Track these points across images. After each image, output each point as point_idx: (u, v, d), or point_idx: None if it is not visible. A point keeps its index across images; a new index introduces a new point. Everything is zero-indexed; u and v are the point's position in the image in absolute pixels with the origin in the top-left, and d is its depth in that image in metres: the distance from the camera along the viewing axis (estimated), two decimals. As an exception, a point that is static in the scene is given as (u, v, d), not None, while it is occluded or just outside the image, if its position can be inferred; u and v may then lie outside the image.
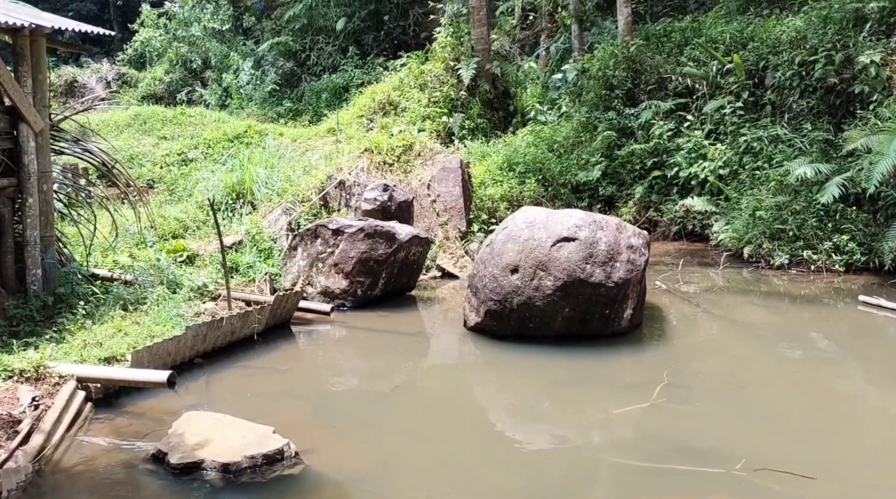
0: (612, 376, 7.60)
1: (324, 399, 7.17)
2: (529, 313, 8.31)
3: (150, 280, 9.44)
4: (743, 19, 15.61)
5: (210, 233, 11.64)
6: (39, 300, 8.50)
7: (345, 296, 10.03)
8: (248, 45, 28.91)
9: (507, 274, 8.38)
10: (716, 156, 13.93)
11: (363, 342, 9.02)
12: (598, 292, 8.16)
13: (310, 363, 8.38)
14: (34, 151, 8.69)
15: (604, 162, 15.67)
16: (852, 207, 11.53)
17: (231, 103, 26.62)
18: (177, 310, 8.68)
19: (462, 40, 18.66)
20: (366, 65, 26.31)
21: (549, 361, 7.97)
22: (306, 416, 6.69)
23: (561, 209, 9.03)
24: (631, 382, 7.34)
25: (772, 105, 13.66)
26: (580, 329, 8.36)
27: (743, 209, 12.74)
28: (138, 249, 10.74)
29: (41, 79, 8.87)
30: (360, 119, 18.60)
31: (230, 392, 7.33)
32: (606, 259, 8.18)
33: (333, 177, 12.41)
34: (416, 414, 6.89)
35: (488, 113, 18.53)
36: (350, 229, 10.05)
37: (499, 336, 8.57)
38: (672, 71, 15.42)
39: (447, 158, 12.94)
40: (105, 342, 7.58)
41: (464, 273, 11.73)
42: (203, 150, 18.71)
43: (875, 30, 12.56)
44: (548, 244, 8.25)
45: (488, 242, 8.85)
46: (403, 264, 10.31)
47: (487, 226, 13.41)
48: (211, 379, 7.60)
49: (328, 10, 27.36)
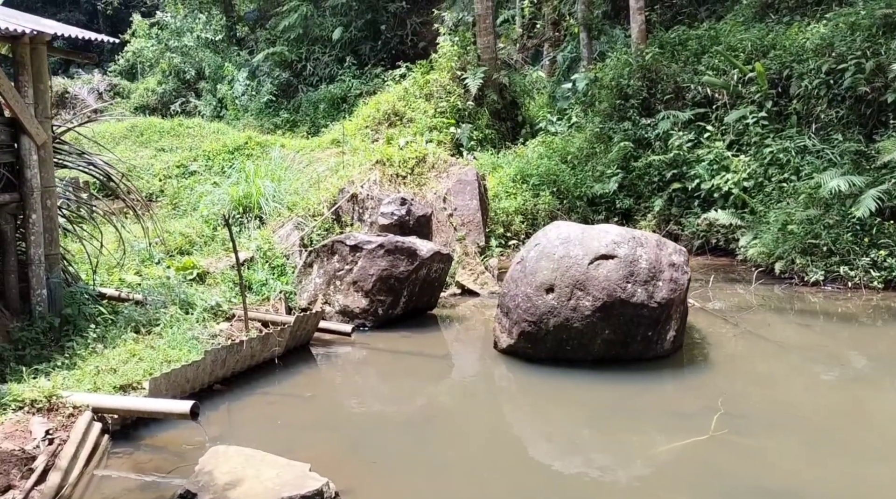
0: (659, 403, 7.13)
1: (356, 430, 6.67)
2: (567, 335, 7.84)
3: (161, 300, 8.94)
4: (762, 27, 15.24)
5: (218, 249, 11.16)
6: (45, 322, 8.01)
7: (365, 315, 9.54)
8: (242, 56, 28.57)
9: (541, 294, 7.92)
10: (739, 167, 13.53)
11: (388, 366, 8.52)
12: (639, 313, 7.71)
13: (335, 389, 7.88)
14: (37, 164, 8.20)
15: (620, 174, 15.27)
16: (889, 221, 11.12)
17: (226, 114, 26.22)
18: (192, 332, 8.19)
19: (468, 49, 18.26)
20: (363, 75, 26.07)
21: (590, 388, 7.51)
22: (340, 450, 6.20)
23: (596, 225, 8.59)
24: (682, 410, 6.88)
25: (797, 115, 13.27)
26: (620, 352, 7.90)
27: (771, 223, 12.32)
28: (146, 267, 10.24)
29: (42, 89, 8.37)
30: (365, 130, 18.18)
31: (255, 422, 6.83)
32: (648, 278, 7.73)
33: (345, 190, 11.93)
34: (454, 446, 6.40)
35: (496, 123, 18.13)
36: (369, 246, 9.57)
37: (533, 359, 8.10)
38: (690, 80, 15.03)
39: (462, 170, 12.50)
40: (119, 368, 7.09)
41: (484, 290, 11.27)
42: (202, 162, 18.27)
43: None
44: (585, 262, 7.79)
45: (519, 260, 8.39)
46: (425, 282, 9.83)
47: (506, 241, 12.98)
48: (232, 408, 7.10)
49: (324, 19, 27.12)
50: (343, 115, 25.04)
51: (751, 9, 16.97)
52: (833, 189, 11.43)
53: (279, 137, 20.29)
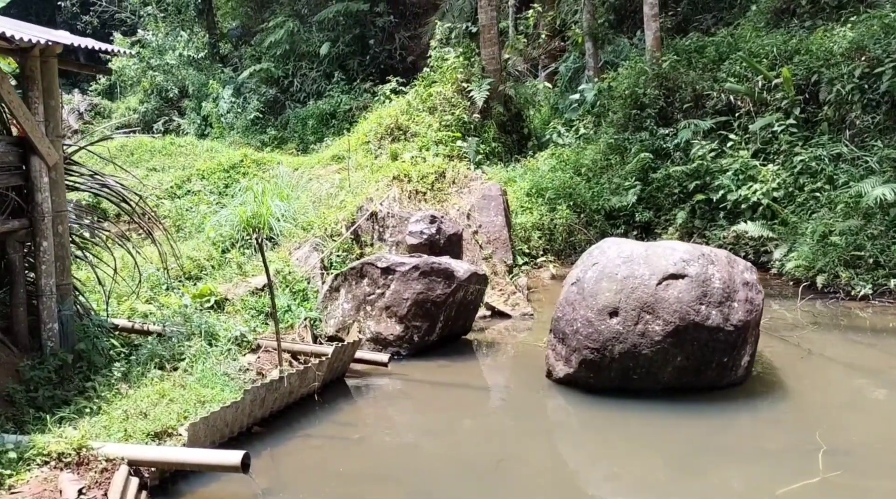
0: (747, 438, 6.51)
1: (417, 478, 5.97)
2: (634, 363, 7.21)
3: (181, 331, 8.19)
4: (783, 32, 14.83)
5: (232, 273, 10.40)
6: (57, 359, 7.22)
7: (399, 343, 8.86)
8: (226, 73, 27.91)
9: (604, 318, 7.29)
10: (768, 177, 13.04)
11: (434, 400, 7.82)
12: (714, 338, 7.10)
13: (383, 429, 7.16)
14: (48, 187, 7.44)
15: (638, 186, 14.73)
16: (939, 232, 10.68)
17: (211, 132, 25.49)
18: (220, 366, 7.46)
19: (472, 60, 17.70)
20: (352, 90, 25.54)
21: (664, 421, 6.88)
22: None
23: (657, 242, 7.99)
24: (775, 447, 6.25)
25: (829, 122, 12.82)
26: (693, 380, 7.27)
27: (808, 234, 11.82)
28: (157, 295, 9.48)
29: (53, 105, 7.63)
30: (367, 145, 17.51)
31: (304, 472, 6.12)
32: (723, 299, 7.13)
33: (364, 208, 11.26)
34: (529, 494, 5.73)
35: (502, 136, 17.56)
36: (402, 268, 8.90)
37: (594, 390, 7.44)
38: (710, 87, 14.58)
39: (485, 184, 11.89)
40: (150, 412, 6.34)
41: (516, 311, 10.62)
42: (197, 181, 17.52)
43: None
44: (652, 282, 7.18)
45: (574, 280, 7.76)
46: (461, 305, 9.18)
47: (534, 259, 12.36)
48: (276, 453, 6.37)
49: (310, 35, 26.59)
50: (332, 131, 24.57)
51: (764, 15, 16.56)
52: (878, 198, 10.96)
53: (276, 154, 19.54)
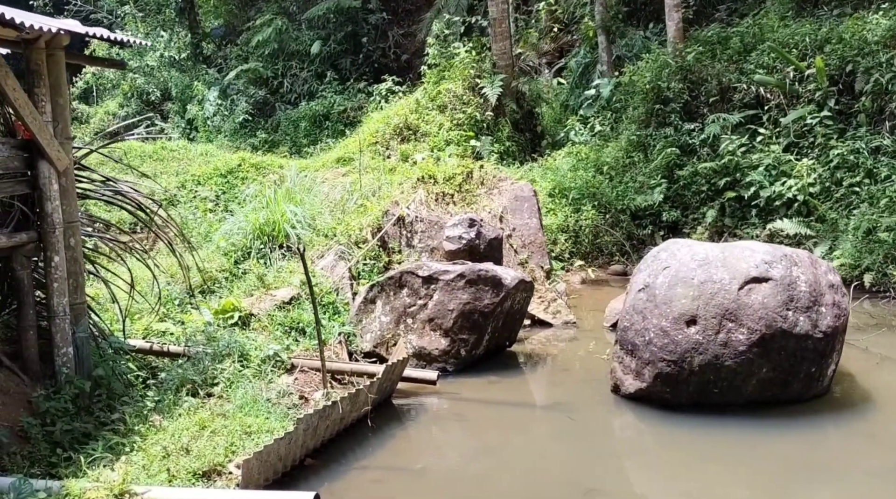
0: (840, 456, 5.95)
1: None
2: (715, 376, 6.58)
3: (207, 352, 7.47)
4: (812, 21, 14.28)
5: (250, 286, 9.64)
6: (73, 387, 6.46)
7: (445, 358, 8.18)
8: (211, 74, 27.06)
9: (681, 327, 6.66)
10: (803, 172, 12.49)
11: (492, 422, 7.11)
12: (803, 346, 6.49)
13: (445, 457, 6.47)
14: (58, 195, 6.68)
15: (664, 184, 14.15)
16: None
17: (197, 136, 24.63)
18: (261, 391, 6.75)
19: (483, 56, 17.05)
20: (346, 90, 24.80)
21: (753, 439, 6.25)
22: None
23: (733, 242, 7.36)
24: (870, 466, 5.68)
25: (866, 113, 12.29)
26: (778, 393, 6.67)
27: (850, 231, 11.29)
28: (173, 312, 8.76)
29: (62, 103, 6.87)
30: (375, 146, 16.82)
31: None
32: (810, 303, 6.53)
33: (390, 213, 10.56)
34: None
35: (516, 135, 16.92)
36: (447, 276, 8.22)
37: (669, 405, 6.82)
38: (737, 80, 14.01)
39: (515, 185, 11.23)
40: (192, 446, 5.63)
41: (557, 320, 9.99)
42: (192, 187, 16.77)
43: None
44: (734, 287, 6.56)
45: (641, 286, 7.12)
46: (508, 315, 8.53)
47: (568, 263, 11.73)
48: (335, 490, 5.67)
49: (300, 33, 25.82)
50: (327, 133, 23.83)
51: (784, 4, 15.99)
52: (928, 192, 10.45)
53: (278, 157, 18.78)
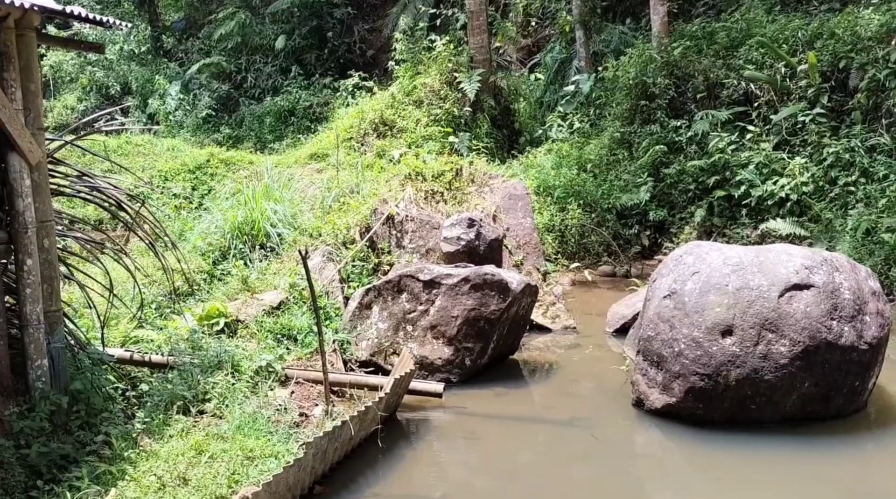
0: None
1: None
2: (753, 391, 6.15)
3: (194, 362, 6.81)
4: (801, 16, 14.06)
5: (237, 291, 8.94)
6: (49, 403, 5.75)
7: (449, 368, 7.62)
8: (172, 68, 26.19)
9: (715, 337, 6.21)
10: (795, 171, 12.23)
11: (509, 440, 6.53)
12: (848, 358, 6.10)
13: (466, 483, 5.86)
14: (30, 192, 5.92)
15: (650, 182, 13.80)
16: None
17: (159, 131, 23.78)
18: (259, 408, 6.12)
19: (461, 50, 16.51)
20: (311, 85, 24.25)
21: (797, 460, 5.83)
22: None
23: (768, 245, 6.94)
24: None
25: (861, 110, 12.08)
26: (819, 409, 6.26)
27: (849, 232, 11.05)
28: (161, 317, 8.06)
29: (34, 90, 6.10)
30: (349, 142, 16.17)
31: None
32: (854, 312, 6.14)
33: (379, 212, 9.95)
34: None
35: (494, 131, 16.43)
36: (450, 281, 7.66)
37: (701, 422, 6.36)
38: (725, 76, 13.72)
39: (507, 183, 10.74)
40: (190, 475, 4.97)
41: (556, 325, 9.53)
42: (159, 183, 15.95)
43: None
44: (773, 295, 6.14)
45: (668, 293, 6.65)
46: (513, 322, 8.02)
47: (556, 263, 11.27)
48: (351, 523, 5.09)
49: (263, 27, 25.21)
50: (292, 128, 23.28)
51: (765, 1, 15.76)
52: (931, 192, 10.24)
53: (246, 153, 17.98)
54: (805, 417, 6.27)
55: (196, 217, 11.57)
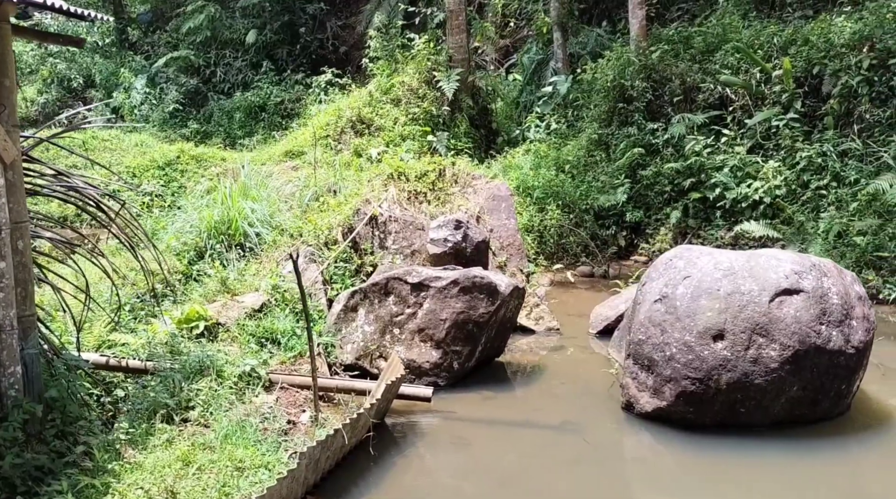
0: (886, 482, 5.58)
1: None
2: (743, 395, 6.17)
3: (174, 367, 6.64)
4: (775, 22, 14.22)
5: (214, 293, 8.75)
6: (22, 412, 5.55)
7: (437, 372, 7.55)
8: (138, 61, 25.71)
9: (707, 342, 6.22)
10: (769, 174, 12.37)
11: (500, 446, 6.46)
12: (836, 362, 6.16)
13: (460, 492, 5.79)
14: (4, 191, 5.71)
15: (627, 183, 13.87)
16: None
17: (124, 125, 23.32)
18: (246, 416, 5.98)
19: (439, 49, 16.44)
20: (283, 81, 24.01)
21: (790, 464, 5.85)
22: None
23: (761, 250, 6.95)
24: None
25: (834, 116, 12.24)
26: (807, 412, 6.31)
27: (821, 234, 11.20)
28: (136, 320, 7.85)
29: (9, 85, 5.88)
30: (326, 139, 16.00)
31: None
32: (842, 317, 6.19)
33: (362, 212, 9.84)
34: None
35: (472, 131, 16.39)
36: (438, 283, 7.59)
37: (690, 426, 6.38)
38: (701, 80, 13.83)
39: (490, 184, 10.68)
40: (178, 488, 4.83)
41: (540, 326, 9.51)
42: (127, 179, 15.63)
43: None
44: (764, 299, 6.17)
45: (658, 297, 6.65)
46: (501, 324, 7.97)
47: (545, 264, 11.25)
48: (347, 534, 4.99)
49: (234, 21, 24.91)
50: (263, 124, 23.06)
51: (740, 6, 15.95)
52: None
53: (218, 149, 17.70)
54: (792, 420, 6.33)
55: (169, 215, 11.31)
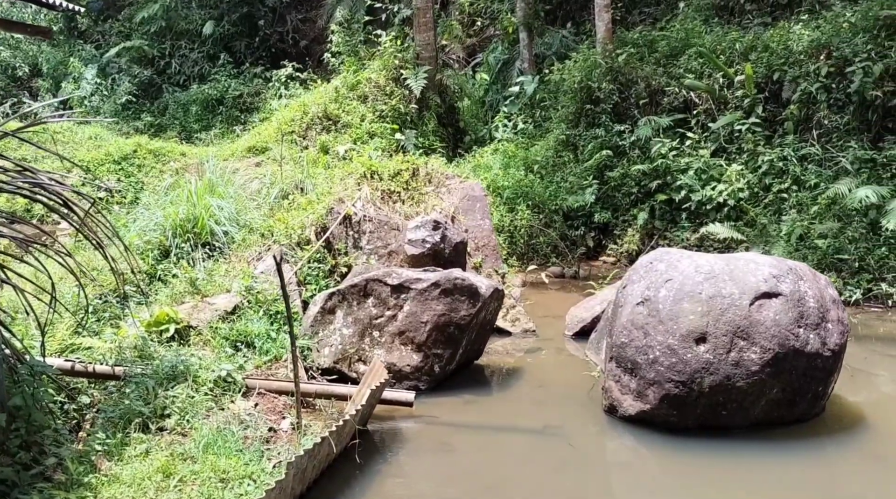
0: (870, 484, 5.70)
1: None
2: (725, 397, 6.24)
3: (146, 373, 6.45)
4: (735, 28, 14.46)
5: (182, 295, 8.53)
6: (-16, 423, 5.35)
7: (418, 375, 7.48)
8: (88, 51, 25.06)
9: (689, 345, 6.28)
10: (732, 177, 12.58)
11: (487, 451, 6.38)
12: (813, 365, 6.26)
13: (445, 497, 5.75)
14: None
15: (595, 185, 13.97)
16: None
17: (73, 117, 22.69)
18: (226, 424, 5.85)
19: (407, 46, 16.34)
20: (241, 74, 23.68)
21: (769, 465, 5.92)
22: None
23: (739, 253, 7.03)
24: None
25: (794, 121, 12.49)
26: (785, 414, 6.42)
27: (783, 237, 11.43)
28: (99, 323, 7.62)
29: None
30: (291, 135, 15.77)
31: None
32: (819, 320, 6.30)
33: (335, 211, 9.71)
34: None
35: (440, 129, 16.34)
36: (419, 285, 7.52)
37: (673, 429, 6.43)
38: (666, 83, 13.99)
39: (464, 184, 10.64)
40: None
41: (516, 328, 9.51)
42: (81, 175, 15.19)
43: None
44: (744, 303, 6.24)
45: (640, 299, 6.68)
46: (481, 327, 7.94)
47: (516, 264, 11.25)
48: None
49: (190, 12, 24.51)
50: (220, 118, 22.70)
51: (700, 12, 16.17)
52: (863, 199, 10.66)
53: (176, 144, 17.30)
54: (771, 421, 6.42)
55: (130, 212, 11.02)
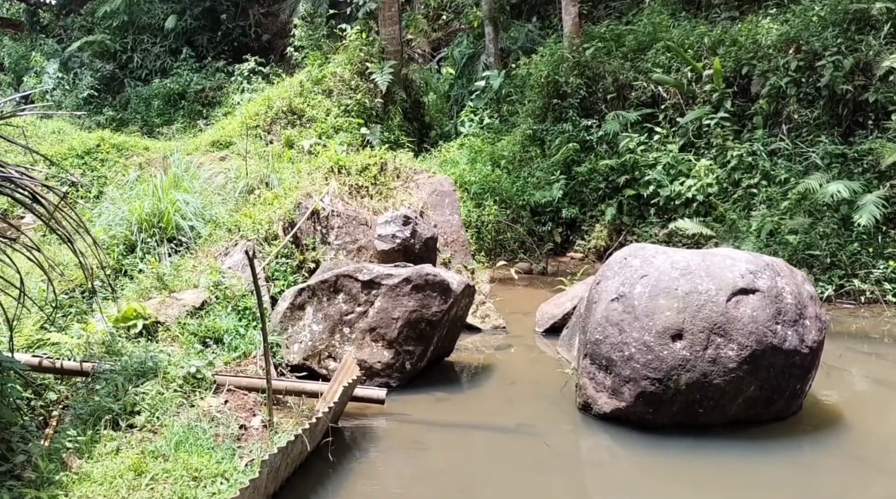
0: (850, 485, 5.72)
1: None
2: (702, 395, 6.22)
3: (114, 369, 6.26)
4: (703, 22, 14.53)
5: (148, 290, 8.30)
6: (-50, 422, 5.15)
7: (389, 372, 7.36)
8: (50, 45, 24.64)
9: (666, 342, 6.24)
10: (701, 172, 12.64)
11: (460, 450, 6.28)
12: (791, 362, 6.26)
13: (420, 496, 5.64)
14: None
15: (563, 180, 13.95)
16: (894, 230, 10.61)
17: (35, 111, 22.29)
18: (197, 421, 5.67)
19: (372, 40, 16.16)
20: (203, 68, 23.41)
21: (745, 465, 5.87)
22: None
23: (714, 248, 7.02)
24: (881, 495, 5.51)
25: (763, 116, 12.58)
26: (762, 412, 6.40)
27: (753, 232, 11.50)
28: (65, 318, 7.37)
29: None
30: (256, 130, 15.51)
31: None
32: (796, 316, 6.31)
33: (303, 206, 9.53)
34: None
35: (405, 124, 16.20)
36: (390, 281, 7.39)
37: (648, 427, 6.39)
38: (634, 78, 14.02)
39: (433, 179, 10.52)
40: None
41: (486, 324, 9.43)
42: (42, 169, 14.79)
43: (889, 33, 11.70)
44: (721, 299, 6.22)
45: (615, 296, 6.63)
46: (452, 323, 7.84)
47: (483, 260, 11.17)
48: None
49: (152, 6, 24.29)
50: (182, 112, 22.45)
51: (666, 6, 16.23)
52: (834, 195, 10.76)
53: (140, 138, 16.96)
54: (748, 420, 6.40)
55: (95, 207, 10.72)
